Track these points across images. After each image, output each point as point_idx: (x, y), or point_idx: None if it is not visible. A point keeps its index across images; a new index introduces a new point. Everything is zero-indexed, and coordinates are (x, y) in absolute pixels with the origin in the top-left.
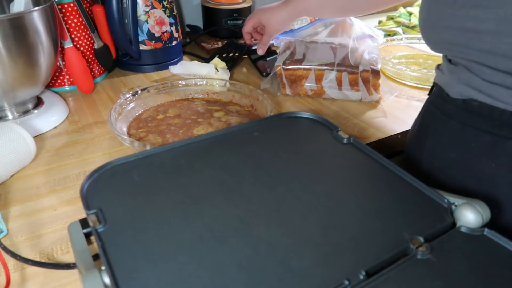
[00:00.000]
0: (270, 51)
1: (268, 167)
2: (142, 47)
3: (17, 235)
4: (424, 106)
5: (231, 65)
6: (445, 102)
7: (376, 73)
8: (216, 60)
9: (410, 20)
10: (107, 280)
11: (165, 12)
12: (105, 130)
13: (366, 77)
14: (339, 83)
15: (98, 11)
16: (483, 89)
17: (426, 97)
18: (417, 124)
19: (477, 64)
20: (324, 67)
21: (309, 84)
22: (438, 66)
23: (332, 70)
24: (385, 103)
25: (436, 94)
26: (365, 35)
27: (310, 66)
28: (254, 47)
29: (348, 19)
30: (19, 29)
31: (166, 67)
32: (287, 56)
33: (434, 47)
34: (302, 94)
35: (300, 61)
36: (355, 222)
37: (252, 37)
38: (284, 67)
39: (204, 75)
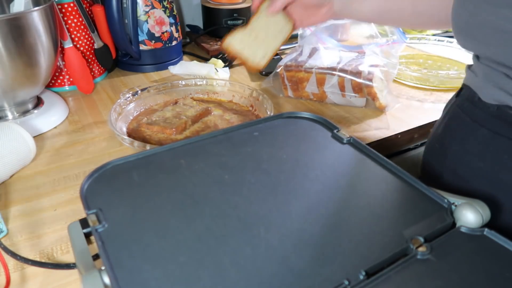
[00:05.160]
0: None
1: (268, 167)
2: (142, 47)
3: (17, 235)
4: (449, 108)
5: (228, 64)
6: (475, 107)
7: (370, 86)
8: (214, 60)
9: None
10: (107, 280)
11: (165, 12)
12: (105, 130)
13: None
14: (342, 88)
15: (98, 11)
16: None
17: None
18: (441, 127)
19: None
20: (326, 71)
21: (310, 87)
22: (469, 67)
23: (334, 74)
24: (390, 110)
25: (466, 98)
26: (384, 43)
27: (311, 69)
28: None
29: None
30: (19, 29)
31: (166, 67)
32: (292, 57)
33: (465, 44)
34: (304, 97)
35: (302, 63)
36: (355, 222)
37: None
38: (286, 68)
39: (204, 75)
